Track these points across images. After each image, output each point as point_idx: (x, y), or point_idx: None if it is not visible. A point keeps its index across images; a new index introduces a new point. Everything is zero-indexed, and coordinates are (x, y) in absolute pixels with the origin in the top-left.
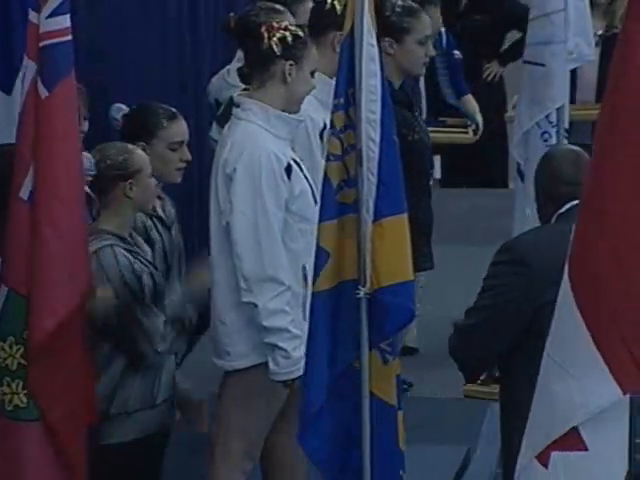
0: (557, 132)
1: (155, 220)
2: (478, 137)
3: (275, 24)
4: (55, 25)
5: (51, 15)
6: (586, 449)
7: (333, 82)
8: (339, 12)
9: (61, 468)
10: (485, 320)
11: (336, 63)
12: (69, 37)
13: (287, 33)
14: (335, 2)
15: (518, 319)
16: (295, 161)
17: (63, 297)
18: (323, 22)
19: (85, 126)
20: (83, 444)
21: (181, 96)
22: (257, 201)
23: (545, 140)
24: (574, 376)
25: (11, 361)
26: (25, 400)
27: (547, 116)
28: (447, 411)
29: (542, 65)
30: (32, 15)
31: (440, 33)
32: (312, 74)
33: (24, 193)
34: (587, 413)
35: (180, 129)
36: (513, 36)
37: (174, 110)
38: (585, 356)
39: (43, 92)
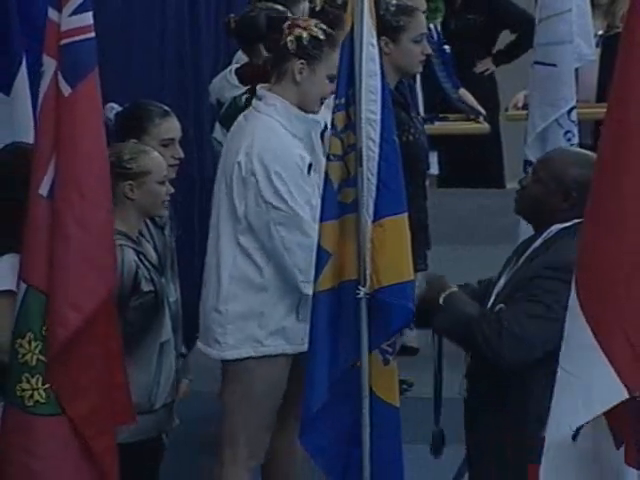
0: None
1: (147, 221)
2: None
3: (301, 22)
4: (78, 22)
5: (74, 12)
6: None
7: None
8: (318, 9)
9: (89, 464)
10: (544, 333)
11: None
12: (92, 34)
13: (305, 32)
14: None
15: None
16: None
17: (89, 292)
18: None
19: None
20: (111, 442)
21: (181, 96)
22: (288, 196)
23: (569, 139)
24: (579, 378)
25: (30, 357)
26: (45, 395)
27: (569, 115)
28: (447, 411)
29: (554, 65)
30: (51, 12)
31: (430, 29)
32: (331, 79)
33: (43, 190)
34: (591, 414)
35: (172, 126)
36: (506, 37)
37: (166, 108)
38: (590, 358)
39: (66, 90)
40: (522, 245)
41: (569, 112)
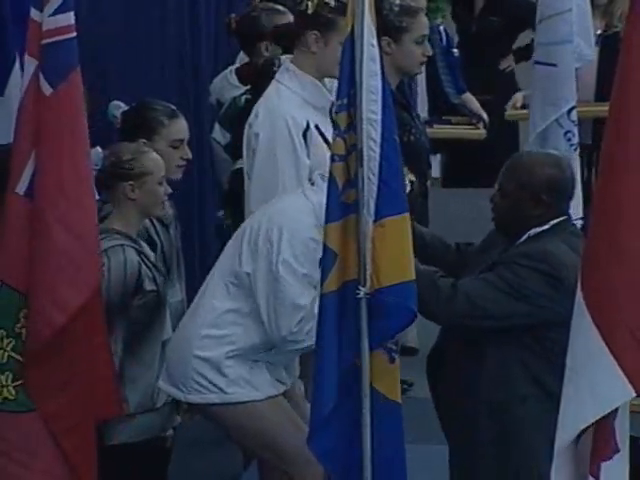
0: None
1: (153, 220)
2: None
3: None
4: (59, 22)
5: (55, 13)
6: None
7: (321, 84)
8: (311, 11)
9: (59, 461)
10: (502, 306)
11: (315, 63)
12: (73, 34)
13: (311, 2)
14: (308, 2)
15: (536, 318)
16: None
17: (73, 292)
18: (298, 23)
19: None
20: (89, 440)
21: (181, 96)
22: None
23: (569, 139)
24: (585, 377)
25: (1, 354)
26: (14, 392)
27: (569, 115)
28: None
29: (554, 65)
30: (34, 13)
31: (439, 32)
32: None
33: (20, 188)
34: (598, 414)
35: (181, 127)
36: (526, 35)
37: (174, 108)
38: (597, 358)
39: (47, 89)
40: (490, 248)
41: (569, 112)
